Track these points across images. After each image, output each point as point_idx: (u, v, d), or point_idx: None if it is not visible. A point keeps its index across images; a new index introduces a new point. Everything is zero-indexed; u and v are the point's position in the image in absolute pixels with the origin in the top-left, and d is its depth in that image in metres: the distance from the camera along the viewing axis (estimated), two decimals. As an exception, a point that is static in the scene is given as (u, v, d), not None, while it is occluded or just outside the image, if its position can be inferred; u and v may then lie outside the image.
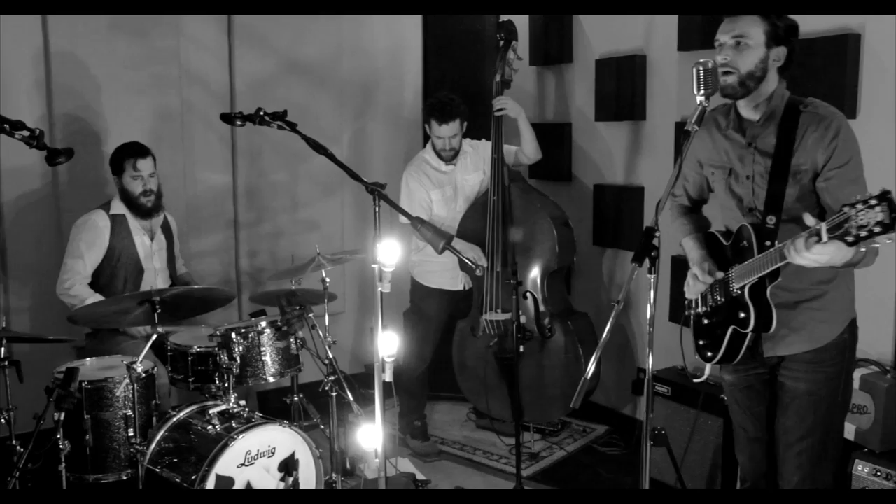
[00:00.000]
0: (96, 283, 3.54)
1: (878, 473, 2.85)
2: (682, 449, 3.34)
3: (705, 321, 2.45)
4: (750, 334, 2.30)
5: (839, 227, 1.79)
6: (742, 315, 2.28)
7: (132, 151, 3.52)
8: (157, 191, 3.60)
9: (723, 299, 2.35)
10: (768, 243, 2.19)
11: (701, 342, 2.48)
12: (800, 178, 2.23)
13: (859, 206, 1.74)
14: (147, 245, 3.64)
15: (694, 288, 2.44)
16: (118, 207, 3.56)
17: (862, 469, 2.89)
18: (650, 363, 2.16)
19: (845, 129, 2.20)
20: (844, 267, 2.02)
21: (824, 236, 1.84)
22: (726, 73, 2.21)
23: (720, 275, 2.35)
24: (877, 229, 1.72)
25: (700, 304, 2.48)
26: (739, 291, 2.27)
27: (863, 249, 1.93)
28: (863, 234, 1.74)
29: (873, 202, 1.72)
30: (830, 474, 2.44)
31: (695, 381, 2.42)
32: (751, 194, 2.34)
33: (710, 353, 2.43)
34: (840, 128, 2.19)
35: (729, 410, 2.65)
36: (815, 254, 1.91)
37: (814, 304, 2.31)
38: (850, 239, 1.77)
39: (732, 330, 2.33)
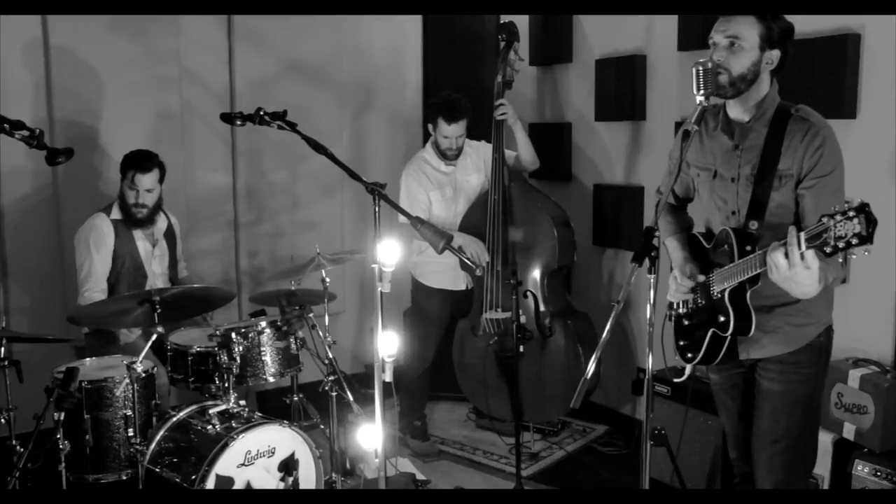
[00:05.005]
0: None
1: (878, 473, 2.85)
2: (683, 453, 3.33)
3: (686, 322, 2.45)
4: (729, 337, 2.30)
5: (818, 237, 1.81)
6: (722, 319, 2.28)
7: (135, 164, 3.47)
8: (153, 206, 3.56)
9: (703, 302, 2.35)
10: (749, 248, 2.19)
11: (681, 343, 2.48)
12: (785, 182, 2.22)
13: (838, 218, 1.77)
14: (149, 251, 3.63)
15: (675, 291, 2.44)
16: (117, 213, 3.56)
17: (862, 469, 2.90)
18: (650, 363, 2.16)
19: (832, 140, 2.20)
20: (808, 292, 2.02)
21: (802, 245, 1.85)
22: (718, 72, 2.20)
23: (701, 278, 2.35)
24: (854, 241, 1.75)
25: (681, 305, 2.48)
26: (720, 295, 2.27)
27: (831, 279, 2.02)
28: (840, 244, 1.77)
29: (851, 214, 1.75)
30: (805, 481, 2.44)
31: (675, 380, 2.43)
32: (735, 197, 2.33)
33: (690, 355, 2.43)
34: (827, 137, 2.18)
35: (717, 410, 2.65)
36: (798, 272, 1.90)
37: (790, 308, 2.30)
38: (828, 249, 1.80)
39: (712, 332, 2.32)
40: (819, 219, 1.81)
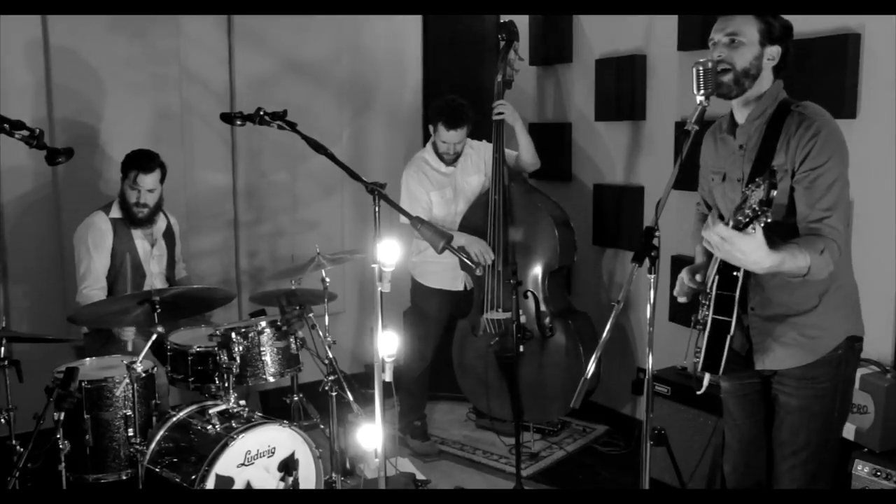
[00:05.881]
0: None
1: (878, 473, 2.85)
2: (683, 453, 3.33)
3: (699, 327, 2.44)
4: (727, 340, 2.26)
5: (739, 208, 1.81)
6: (704, 311, 2.26)
7: (138, 164, 3.48)
8: (154, 206, 3.56)
9: (707, 303, 2.34)
10: None
11: (697, 349, 2.47)
12: (780, 178, 2.14)
13: (752, 187, 1.77)
14: (147, 250, 3.64)
15: (677, 289, 2.43)
16: (117, 211, 3.56)
17: (862, 469, 2.89)
18: (650, 363, 2.16)
19: (828, 131, 2.13)
20: (771, 271, 2.00)
21: (731, 220, 1.85)
22: (722, 70, 2.19)
23: (686, 277, 2.33)
24: (756, 207, 1.75)
25: (700, 311, 2.47)
26: (710, 291, 2.26)
27: (803, 264, 1.97)
28: (750, 213, 1.77)
29: (759, 181, 1.75)
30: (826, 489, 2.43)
31: (697, 392, 2.41)
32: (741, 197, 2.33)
33: (695, 359, 2.42)
34: (822, 128, 2.12)
35: (723, 418, 2.64)
36: (720, 232, 1.87)
37: (803, 318, 2.26)
38: (742, 218, 1.79)
39: (709, 331, 2.28)
40: (742, 190, 1.81)
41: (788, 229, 2.18)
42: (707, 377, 2.39)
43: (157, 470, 2.86)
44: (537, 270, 3.88)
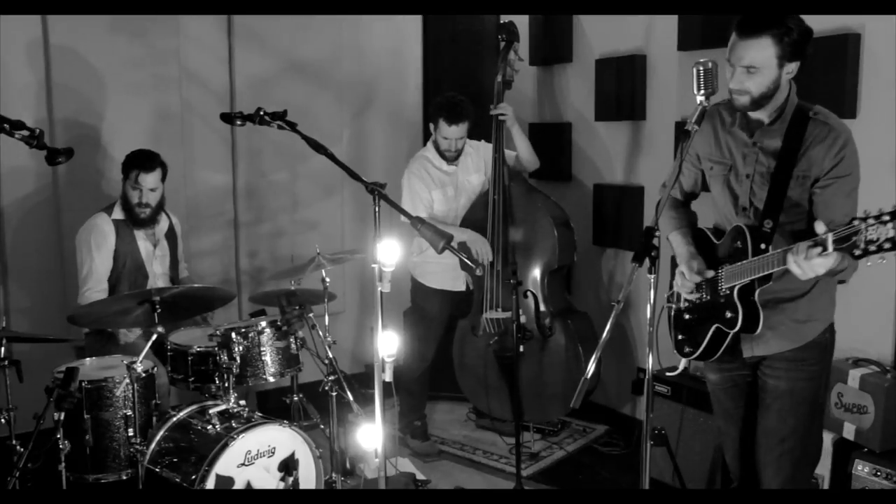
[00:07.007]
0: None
1: (878, 473, 2.85)
2: (683, 453, 3.33)
3: (686, 316, 2.45)
4: (731, 334, 2.31)
5: (846, 239, 1.82)
6: (729, 315, 2.29)
7: (139, 163, 3.48)
8: (156, 205, 3.56)
9: (708, 297, 2.35)
10: (763, 246, 2.20)
11: (680, 337, 2.49)
12: (801, 182, 2.24)
13: (871, 221, 1.78)
14: (150, 251, 3.64)
15: (682, 285, 2.44)
16: (119, 213, 3.56)
17: (862, 469, 2.90)
18: (650, 363, 2.16)
19: (852, 143, 2.23)
20: (827, 276, 2.06)
21: (830, 247, 1.85)
22: (739, 94, 2.22)
23: (710, 273, 2.35)
24: (886, 245, 1.77)
25: (682, 299, 2.48)
26: (728, 291, 2.28)
27: (846, 264, 1.99)
28: (872, 248, 1.78)
29: (886, 218, 1.76)
30: (810, 478, 2.45)
31: (668, 374, 2.46)
32: (747, 193, 2.35)
33: (688, 349, 2.44)
34: (847, 142, 2.22)
35: (713, 411, 2.65)
36: (815, 264, 1.93)
37: (794, 304, 2.32)
38: (857, 252, 1.80)
39: (716, 328, 2.33)
40: (850, 221, 1.81)
41: (806, 234, 2.20)
42: (683, 362, 2.42)
43: (157, 470, 2.86)
44: (537, 270, 3.88)
